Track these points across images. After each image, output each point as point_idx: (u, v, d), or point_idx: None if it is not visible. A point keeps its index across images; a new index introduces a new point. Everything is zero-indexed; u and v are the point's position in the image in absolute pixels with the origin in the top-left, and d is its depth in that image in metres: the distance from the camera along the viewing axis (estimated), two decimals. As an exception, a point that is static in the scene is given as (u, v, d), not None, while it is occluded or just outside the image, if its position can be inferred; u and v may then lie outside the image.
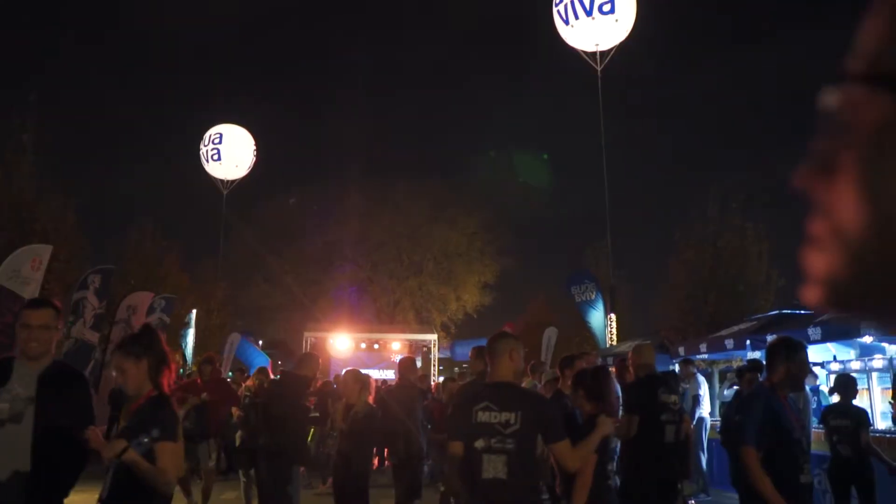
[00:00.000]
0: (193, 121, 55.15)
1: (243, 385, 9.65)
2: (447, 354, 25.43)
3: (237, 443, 8.50)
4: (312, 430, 9.53)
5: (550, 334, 16.46)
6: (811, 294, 0.40)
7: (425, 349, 23.38)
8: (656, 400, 5.06)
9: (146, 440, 2.81)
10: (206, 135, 27.37)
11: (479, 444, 3.13)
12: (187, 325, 18.73)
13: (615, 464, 4.22)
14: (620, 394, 6.49)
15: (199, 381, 8.11)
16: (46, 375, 3.02)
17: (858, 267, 0.37)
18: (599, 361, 8.87)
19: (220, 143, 27.02)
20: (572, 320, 19.83)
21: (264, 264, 28.15)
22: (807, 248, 0.40)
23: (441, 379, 16.47)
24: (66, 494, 3.02)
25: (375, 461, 10.97)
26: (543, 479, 4.62)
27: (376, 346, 22.88)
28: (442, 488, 7.14)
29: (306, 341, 21.80)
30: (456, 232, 29.28)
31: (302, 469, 7.64)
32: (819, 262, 0.39)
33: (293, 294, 27.57)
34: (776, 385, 3.81)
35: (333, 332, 22.59)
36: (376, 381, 14.14)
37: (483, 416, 3.17)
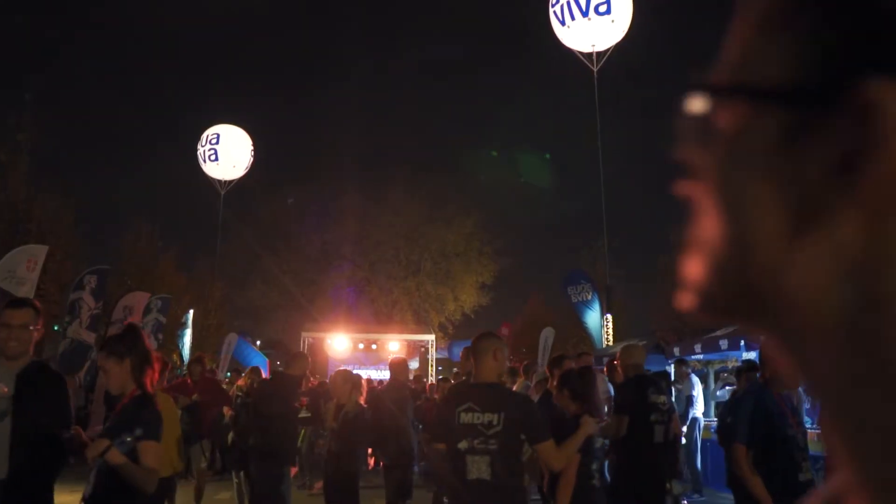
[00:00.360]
0: (191, 121, 55.15)
1: (235, 385, 9.64)
2: (445, 354, 25.40)
3: (228, 443, 8.50)
4: (303, 431, 9.50)
5: (548, 335, 16.41)
6: (684, 300, 0.40)
7: (423, 349, 23.37)
8: (646, 400, 5.06)
9: (129, 439, 2.81)
10: (204, 135, 27.33)
11: (463, 445, 3.13)
12: (184, 325, 18.73)
13: (599, 463, 4.22)
14: (613, 394, 6.52)
15: (189, 381, 8.10)
16: (25, 375, 3.03)
17: (721, 276, 0.38)
18: (593, 362, 8.86)
19: (217, 143, 26.96)
20: (570, 321, 19.80)
21: (262, 264, 28.11)
22: (683, 255, 0.41)
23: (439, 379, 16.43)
24: (46, 493, 3.02)
25: (371, 462, 10.97)
26: (534, 479, 4.63)
27: (374, 347, 22.83)
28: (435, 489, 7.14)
29: (304, 341, 21.74)
30: (453, 232, 29.23)
31: (294, 469, 7.63)
32: (692, 269, 0.40)
33: (291, 294, 27.53)
34: (769, 382, 3.81)
35: (331, 332, 22.55)
36: (374, 381, 14.18)
37: (466, 418, 3.17)
